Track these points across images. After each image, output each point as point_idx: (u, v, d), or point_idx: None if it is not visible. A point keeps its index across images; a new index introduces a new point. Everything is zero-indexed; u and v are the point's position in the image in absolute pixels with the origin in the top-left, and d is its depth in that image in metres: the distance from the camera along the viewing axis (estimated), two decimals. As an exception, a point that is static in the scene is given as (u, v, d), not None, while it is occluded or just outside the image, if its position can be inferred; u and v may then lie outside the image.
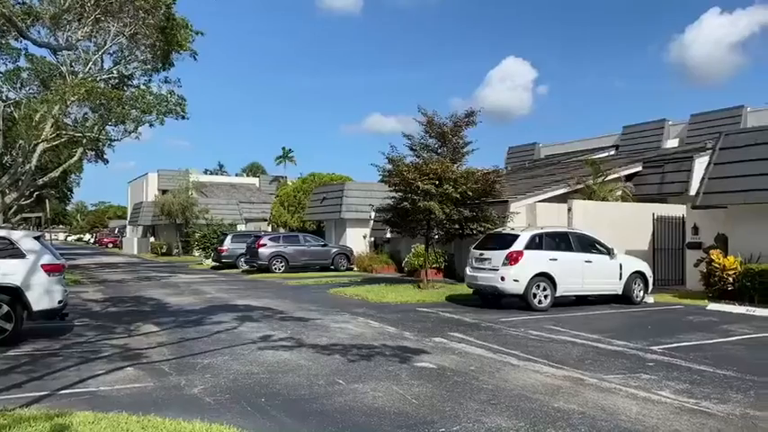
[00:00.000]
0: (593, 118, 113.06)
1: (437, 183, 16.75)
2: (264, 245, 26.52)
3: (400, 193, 17.85)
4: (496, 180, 18.20)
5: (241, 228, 44.94)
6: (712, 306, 14.15)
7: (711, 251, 15.54)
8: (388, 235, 26.20)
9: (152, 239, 52.68)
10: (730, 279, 14.73)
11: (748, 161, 15.07)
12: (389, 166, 17.97)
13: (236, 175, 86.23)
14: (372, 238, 30.17)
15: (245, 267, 28.04)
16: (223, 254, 29.70)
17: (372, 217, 28.26)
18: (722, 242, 16.05)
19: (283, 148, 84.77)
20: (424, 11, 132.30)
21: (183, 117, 20.16)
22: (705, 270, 15.46)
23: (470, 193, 17.20)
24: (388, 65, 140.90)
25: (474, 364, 8.30)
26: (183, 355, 8.91)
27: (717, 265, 15.02)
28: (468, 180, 17.30)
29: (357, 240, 30.07)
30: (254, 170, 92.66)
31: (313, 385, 7.12)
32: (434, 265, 21.16)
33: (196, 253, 40.74)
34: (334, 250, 27.96)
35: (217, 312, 13.66)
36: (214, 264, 31.26)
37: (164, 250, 46.76)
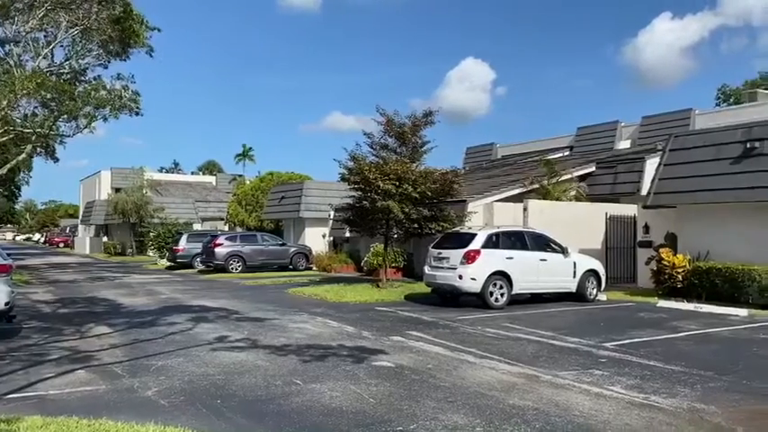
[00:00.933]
0: (549, 119, 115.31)
1: (397, 183, 16.81)
2: (221, 244, 26.16)
3: (360, 193, 17.86)
4: (454, 180, 18.37)
5: (197, 227, 44.27)
6: (662, 303, 14.57)
7: (661, 250, 16.00)
8: (348, 234, 26.17)
9: (105, 239, 51.40)
10: (679, 277, 15.18)
11: (696, 162, 15.57)
12: (351, 164, 17.95)
13: (193, 173, 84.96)
14: (331, 238, 30.08)
15: (201, 267, 27.63)
16: (178, 254, 29.17)
17: (332, 216, 28.18)
18: (672, 241, 16.54)
19: (244, 146, 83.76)
20: (383, 10, 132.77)
21: (138, 113, 19.76)
22: (655, 268, 15.91)
23: (429, 193, 17.33)
24: (348, 64, 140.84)
25: (432, 362, 8.36)
26: (137, 356, 8.73)
27: (666, 264, 15.47)
28: (427, 180, 17.42)
29: (316, 240, 29.94)
30: (210, 168, 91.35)
31: (270, 386, 7.06)
32: (393, 265, 21.22)
33: (151, 253, 39.96)
34: (293, 250, 27.77)
35: (171, 313, 13.42)
36: (169, 264, 30.69)
37: (117, 250, 45.72)
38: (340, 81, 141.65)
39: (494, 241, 14.45)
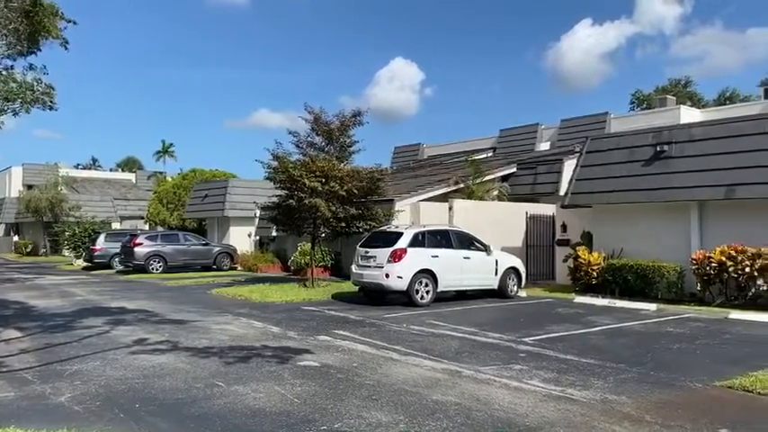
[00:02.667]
0: (474, 120, 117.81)
1: (323, 180, 16.76)
2: (141, 244, 25.30)
3: (286, 191, 17.68)
4: (381, 179, 18.51)
5: (116, 226, 42.66)
6: (579, 299, 15.18)
7: (578, 248, 16.69)
8: (274, 233, 25.87)
9: (16, 238, 48.64)
10: (595, 273, 15.87)
11: (611, 164, 16.32)
12: (275, 163, 17.75)
13: (111, 170, 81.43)
14: (257, 237, 29.63)
15: (120, 268, 26.65)
16: (96, 254, 28.00)
17: (257, 215, 27.76)
18: (588, 239, 17.26)
19: (163, 142, 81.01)
20: (312, 8, 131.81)
21: (52, 108, 18.77)
22: (572, 265, 16.56)
23: (356, 192, 17.38)
24: (276, 60, 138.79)
25: (357, 360, 8.39)
26: (50, 361, 8.32)
27: (583, 261, 16.14)
28: (354, 178, 17.46)
29: (241, 239, 29.42)
30: (130, 165, 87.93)
31: (191, 389, 6.90)
32: (321, 264, 21.14)
33: (66, 253, 38.11)
34: (217, 249, 27.20)
35: (87, 316, 12.86)
36: (86, 264, 29.43)
37: (29, 250, 43.43)
38: (268, 77, 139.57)
39: (420, 240, 14.64)
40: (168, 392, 6.75)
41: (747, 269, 13.03)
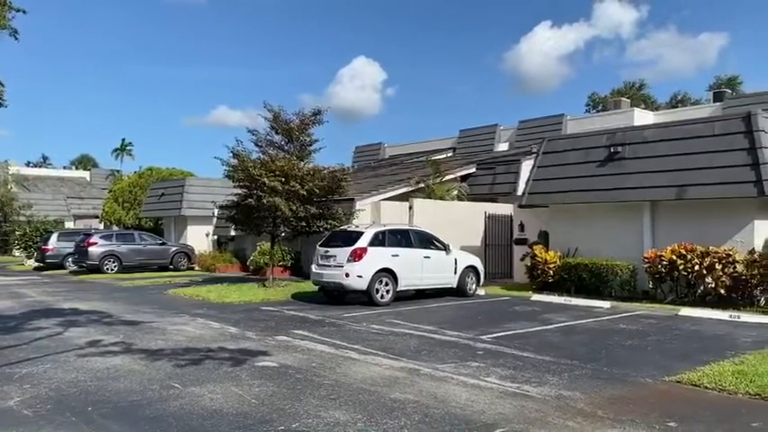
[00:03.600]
0: (435, 121, 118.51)
1: (284, 180, 16.64)
2: (95, 243, 24.70)
3: (245, 190, 17.49)
4: (343, 178, 18.46)
5: (69, 225, 41.57)
6: (536, 297, 15.44)
7: (535, 247, 16.98)
8: (233, 233, 25.59)
9: (-38, 238, 46.91)
10: (551, 272, 16.17)
11: (566, 165, 16.65)
12: (235, 161, 17.55)
13: (65, 168, 79.20)
14: (216, 237, 29.27)
15: (74, 268, 25.99)
16: (48, 253, 27.23)
17: (216, 214, 27.40)
18: (544, 238, 17.58)
19: (122, 140, 79.27)
20: (273, 5, 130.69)
21: (1, 104, 18.18)
22: (529, 264, 16.84)
23: (317, 191, 17.32)
24: (236, 57, 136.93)
25: (316, 360, 8.37)
26: (-3, 365, 8.07)
27: (539, 260, 16.43)
28: (314, 178, 17.39)
29: (199, 238, 29.01)
30: (85, 163, 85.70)
31: (146, 390, 6.78)
32: (281, 263, 20.99)
33: (16, 253, 37.01)
34: (174, 249, 26.75)
35: (38, 317, 12.50)
36: (38, 264, 28.59)
37: (-24, 250, 41.90)
38: (227, 74, 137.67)
39: (380, 239, 14.68)
40: (122, 394, 6.62)
41: (697, 267, 13.46)
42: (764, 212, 13.87)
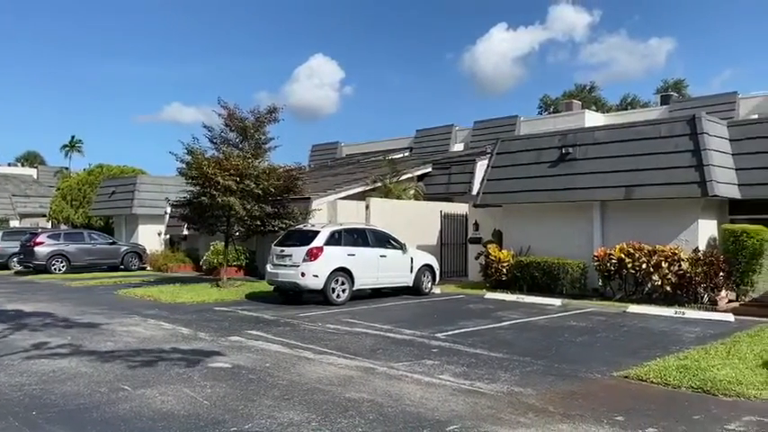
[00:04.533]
0: (391, 120, 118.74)
1: (238, 178, 16.44)
2: (42, 243, 23.91)
3: (198, 188, 17.22)
4: (298, 177, 18.36)
5: (15, 224, 40.10)
6: (489, 295, 15.65)
7: (489, 245, 17.22)
8: (186, 232, 25.17)
9: None
10: (504, 270, 16.42)
11: (519, 165, 16.93)
12: (188, 158, 17.25)
13: (9, 164, 76.42)
14: (168, 236, 28.71)
15: (19, 268, 25.13)
16: (-9, 254, 26.22)
17: (168, 213, 26.89)
18: (498, 237, 17.84)
19: (72, 137, 76.93)
20: (230, 1, 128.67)
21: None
22: (484, 262, 17.06)
23: (272, 190, 17.17)
24: (190, 53, 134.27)
25: (270, 360, 8.31)
26: (-66, 370, 7.74)
27: (493, 258, 16.67)
28: (270, 176, 17.24)
29: (151, 238, 28.40)
30: (31, 160, 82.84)
31: (94, 393, 6.61)
32: (235, 263, 20.73)
33: (-44, 253, 35.46)
34: (125, 248, 26.12)
35: (-20, 320, 12.03)
36: (-21, 265, 27.48)
37: None
38: (180, 71, 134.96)
39: (336, 238, 14.64)
40: (69, 398, 6.44)
41: (644, 265, 13.87)
42: (708, 212, 14.39)
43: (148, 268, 25.74)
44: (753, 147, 14.27)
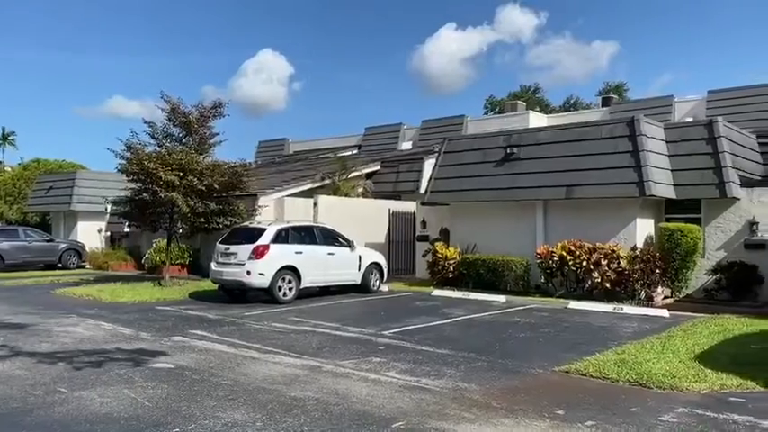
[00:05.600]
0: (341, 117, 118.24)
1: (181, 174, 16.11)
2: (-27, 240, 22.86)
3: (140, 184, 16.79)
4: (244, 173, 18.11)
5: (-58, 221, 38.17)
6: (436, 292, 15.83)
7: (436, 243, 17.41)
8: (127, 229, 24.49)
9: None
10: (451, 268, 16.63)
11: (466, 164, 17.16)
12: (129, 154, 16.79)
13: (-65, 158, 72.68)
14: (108, 233, 27.90)
15: (-53, 267, 23.90)
16: None
17: (108, 209, 26.09)
18: (445, 235, 18.05)
19: (3, 129, 73.60)
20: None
21: None
22: (431, 260, 17.24)
23: (217, 186, 16.91)
24: (133, 45, 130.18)
25: (214, 360, 8.18)
26: None
27: (440, 256, 16.86)
28: (214, 172, 16.97)
29: (91, 235, 27.53)
30: (-41, 154, 78.97)
31: (28, 396, 6.36)
32: (178, 261, 20.28)
33: None
34: (63, 246, 25.21)
35: None
36: None
37: None
38: (123, 63, 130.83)
39: (283, 236, 14.53)
40: (0, 402, 6.18)
41: (584, 263, 14.27)
42: (645, 211, 14.92)
43: (88, 266, 24.95)
44: (687, 149, 14.87)
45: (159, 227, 17.84)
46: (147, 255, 22.01)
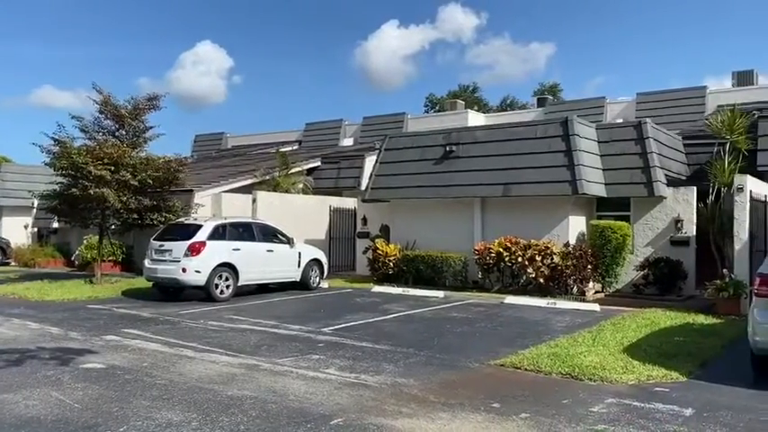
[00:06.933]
0: (282, 112, 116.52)
1: (113, 168, 15.57)
2: None
3: (69, 179, 16.14)
4: (180, 168, 17.65)
5: None
6: (376, 288, 15.89)
7: (377, 240, 17.48)
8: (56, 225, 23.56)
9: None
10: (391, 264, 16.73)
11: (406, 162, 17.30)
12: (56, 149, 16.12)
13: None
14: (36, 229, 26.73)
15: None
16: None
17: (36, 204, 24.98)
18: (386, 232, 18.15)
19: None
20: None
21: None
22: (371, 257, 17.29)
23: (151, 182, 16.43)
24: (63, 34, 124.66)
25: (148, 360, 7.96)
26: None
27: (381, 253, 16.93)
28: (148, 167, 16.49)
29: (17, 231, 26.35)
30: None
31: (-54, 402, 6.03)
32: (111, 258, 19.60)
33: None
34: (-14, 242, 24.03)
35: None
36: None
37: None
38: (52, 51, 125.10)
39: (220, 233, 14.27)
40: None
41: (520, 259, 14.62)
42: (578, 209, 15.41)
43: (13, 263, 23.89)
44: (617, 149, 15.44)
45: (90, 223, 17.21)
46: (77, 251, 21.22)
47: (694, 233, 14.55)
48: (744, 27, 77.29)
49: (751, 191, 12.47)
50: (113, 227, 17.76)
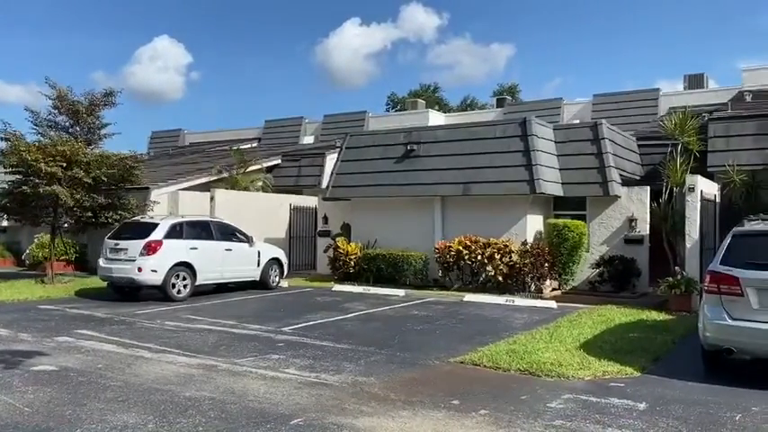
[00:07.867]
0: (241, 109, 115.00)
1: (65, 165, 15.14)
2: None
3: (19, 176, 15.64)
4: (135, 165, 17.26)
5: None
6: (337, 287, 15.85)
7: (337, 238, 17.43)
8: (5, 223, 22.74)
9: None
10: (352, 263, 16.71)
11: (367, 160, 17.31)
12: (4, 145, 15.63)
13: None
14: (-17, 227, 25.76)
15: None
16: None
17: (-17, 202, 24.10)
18: (347, 230, 18.11)
19: None
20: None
21: None
22: (332, 255, 17.24)
23: (105, 179, 16.02)
24: (15, 25, 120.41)
25: (103, 361, 7.77)
26: None
27: (341, 251, 16.89)
28: (102, 164, 16.07)
29: (-38, 229, 25.31)
30: None
31: None
32: (64, 257, 19.06)
33: None
34: (-71, 241, 23.06)
35: None
36: None
37: None
38: (5, 45, 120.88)
39: (177, 231, 14.02)
40: None
41: (479, 257, 14.78)
42: (536, 208, 15.66)
43: (-42, 264, 22.93)
44: (574, 149, 15.74)
45: (42, 221, 16.69)
46: (27, 250, 20.57)
47: (648, 232, 14.92)
48: (695, 32, 79.84)
49: (702, 191, 12.86)
50: (66, 225, 17.28)
